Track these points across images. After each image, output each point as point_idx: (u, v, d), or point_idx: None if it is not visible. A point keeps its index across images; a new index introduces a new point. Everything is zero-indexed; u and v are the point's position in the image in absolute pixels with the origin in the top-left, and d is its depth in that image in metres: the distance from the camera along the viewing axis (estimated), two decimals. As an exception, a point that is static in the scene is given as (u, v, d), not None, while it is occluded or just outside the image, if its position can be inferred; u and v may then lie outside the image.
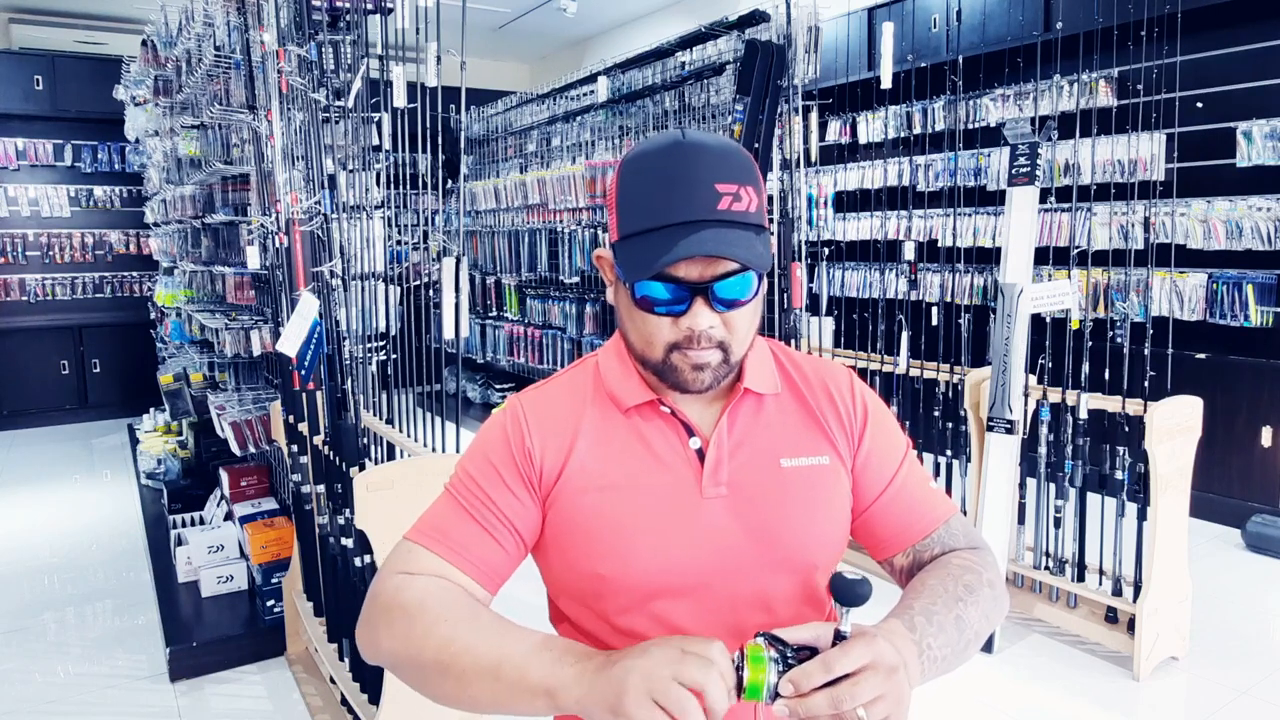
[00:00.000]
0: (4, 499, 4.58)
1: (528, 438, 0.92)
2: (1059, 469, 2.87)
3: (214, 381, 4.16)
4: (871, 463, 0.96)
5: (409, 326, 2.58)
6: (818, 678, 0.68)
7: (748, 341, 0.90)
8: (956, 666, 0.85)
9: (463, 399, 6.24)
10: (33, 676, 2.70)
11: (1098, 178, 3.74)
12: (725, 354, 0.87)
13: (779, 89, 3.22)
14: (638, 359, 0.91)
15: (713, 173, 0.81)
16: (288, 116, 2.44)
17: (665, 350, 0.87)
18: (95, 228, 6.68)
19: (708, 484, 0.89)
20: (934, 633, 0.80)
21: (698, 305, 0.83)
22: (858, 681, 0.68)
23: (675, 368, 0.87)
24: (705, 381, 0.87)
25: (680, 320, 0.85)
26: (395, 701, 1.90)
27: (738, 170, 0.83)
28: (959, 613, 0.84)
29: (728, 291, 0.84)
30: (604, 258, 0.94)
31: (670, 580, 0.87)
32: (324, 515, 2.30)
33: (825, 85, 4.20)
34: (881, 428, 0.97)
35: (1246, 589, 3.26)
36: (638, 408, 0.93)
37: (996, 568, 0.93)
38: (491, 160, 6.12)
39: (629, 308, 0.88)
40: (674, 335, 0.86)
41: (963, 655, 0.85)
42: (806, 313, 3.36)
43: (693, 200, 0.81)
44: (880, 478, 0.96)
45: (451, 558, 0.88)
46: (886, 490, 0.96)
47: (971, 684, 2.58)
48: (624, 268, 0.85)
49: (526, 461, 0.91)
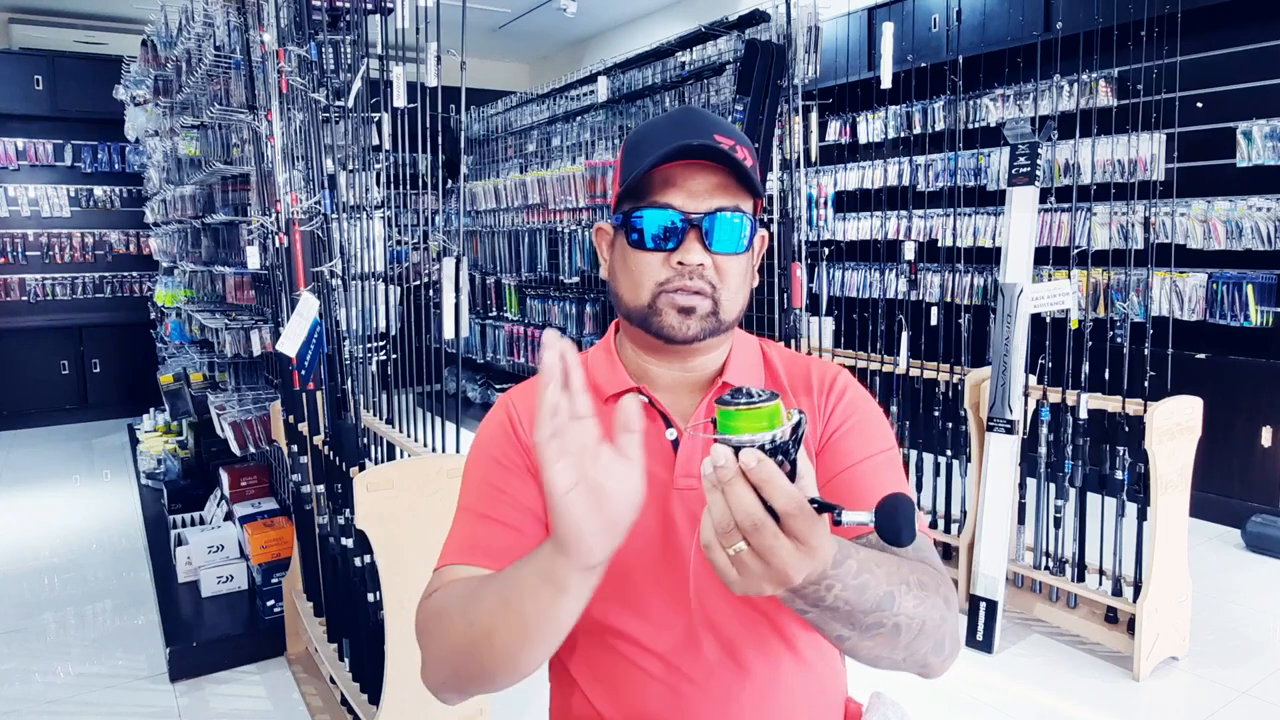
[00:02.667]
0: (4, 499, 4.57)
1: (520, 427, 0.93)
2: (1059, 469, 2.87)
3: (214, 381, 4.16)
4: (835, 445, 0.92)
5: (409, 326, 2.57)
6: (777, 495, 0.60)
7: (738, 302, 0.91)
8: (855, 645, 0.75)
9: (463, 399, 6.24)
10: (33, 676, 2.70)
11: (1098, 178, 3.74)
12: (715, 305, 0.88)
13: (779, 89, 3.22)
14: (626, 313, 0.92)
15: (713, 126, 0.88)
16: (288, 116, 2.44)
17: (653, 292, 0.88)
18: (95, 228, 6.67)
19: (679, 474, 0.90)
20: (853, 583, 0.69)
21: (690, 241, 0.86)
22: (774, 520, 0.60)
23: (660, 311, 0.88)
24: (691, 330, 0.88)
25: (671, 256, 0.87)
26: (395, 701, 1.90)
27: (736, 134, 0.89)
28: (894, 590, 0.74)
29: (722, 230, 0.87)
30: (602, 229, 0.96)
31: (644, 571, 0.88)
32: (324, 515, 2.30)
33: (825, 85, 4.20)
34: (860, 418, 0.94)
35: (1246, 589, 3.26)
36: (617, 396, 0.93)
37: (954, 599, 0.83)
38: (491, 160, 6.12)
39: (623, 254, 0.90)
40: (664, 273, 0.87)
41: (865, 632, 0.73)
42: (806, 313, 3.36)
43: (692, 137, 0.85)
44: (841, 460, 0.91)
45: (467, 559, 0.87)
46: (844, 473, 0.90)
47: (971, 684, 2.58)
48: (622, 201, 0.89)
49: (524, 448, 0.92)
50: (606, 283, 0.96)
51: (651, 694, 0.89)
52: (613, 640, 0.90)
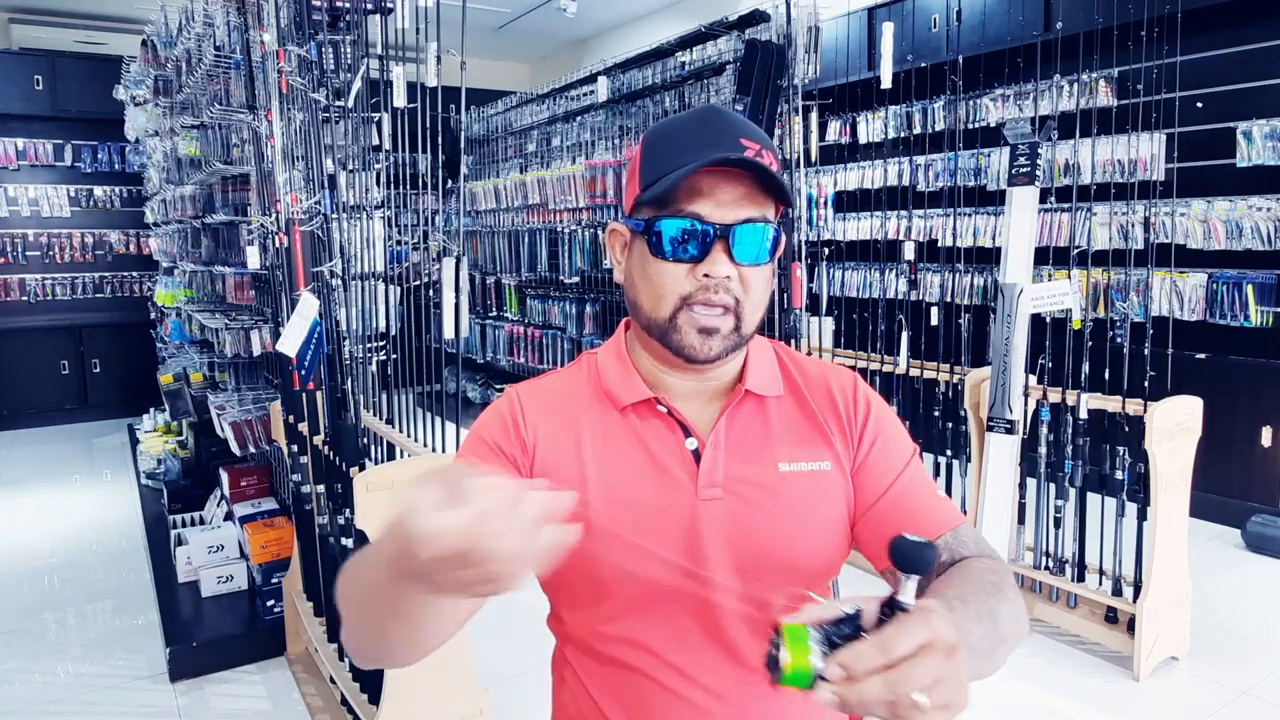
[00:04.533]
0: (4, 499, 4.57)
1: (521, 419, 0.92)
2: (1059, 469, 2.87)
3: (214, 381, 4.16)
4: (871, 464, 0.92)
5: (409, 326, 2.58)
6: (872, 660, 0.57)
7: (758, 315, 0.88)
8: (991, 668, 0.76)
9: (463, 399, 6.24)
10: (33, 676, 2.70)
11: (1098, 178, 3.74)
12: (737, 321, 0.86)
13: (779, 89, 3.21)
14: (645, 324, 0.89)
15: (739, 129, 0.85)
16: (288, 116, 2.44)
17: (675, 306, 0.85)
18: (95, 228, 6.67)
19: (703, 485, 0.88)
20: (972, 619, 0.72)
21: (716, 252, 0.84)
22: (915, 663, 0.57)
23: (681, 329, 0.85)
24: (713, 350, 0.86)
25: (697, 268, 0.84)
26: (395, 701, 1.90)
27: (762, 138, 0.86)
28: (991, 606, 0.77)
29: (747, 242, 0.84)
30: (616, 230, 0.93)
31: (664, 582, 0.86)
32: (324, 515, 2.30)
33: (825, 85, 4.20)
34: (885, 430, 0.94)
35: (1246, 589, 3.26)
36: (634, 406, 0.92)
37: (1014, 582, 0.86)
38: (491, 160, 6.12)
39: (643, 262, 0.87)
40: (688, 285, 0.85)
41: (996, 653, 0.76)
42: (806, 313, 3.36)
43: (720, 144, 0.83)
44: (881, 480, 0.92)
45: None
46: (887, 493, 0.91)
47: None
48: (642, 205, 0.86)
49: (520, 438, 0.91)
50: (621, 287, 0.93)
51: (666, 705, 0.87)
52: (629, 649, 0.88)
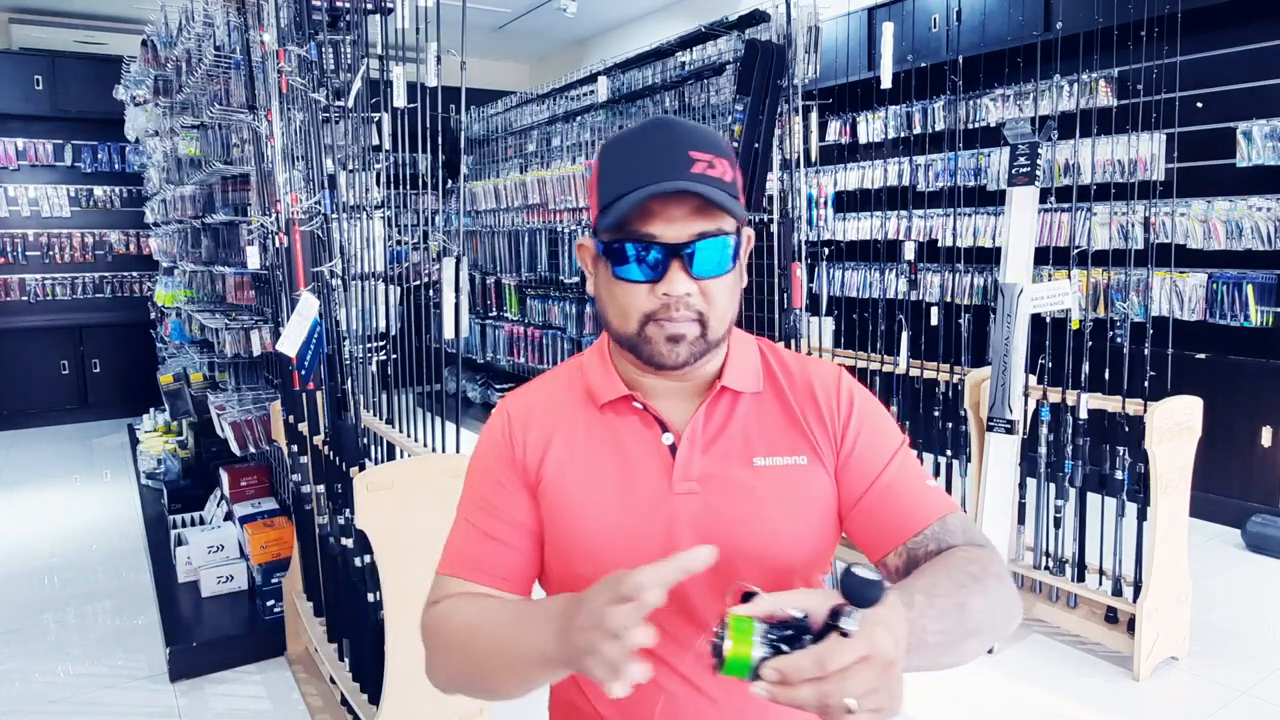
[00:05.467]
0: (4, 499, 4.58)
1: (515, 436, 0.95)
2: (1059, 469, 2.87)
3: (214, 381, 4.16)
4: (857, 458, 0.93)
5: (409, 326, 2.58)
6: (808, 671, 0.61)
7: (727, 320, 0.89)
8: (956, 659, 0.79)
9: (463, 399, 6.24)
10: (33, 676, 2.70)
11: (1098, 178, 3.74)
12: (704, 328, 0.86)
13: (779, 89, 3.21)
14: (615, 338, 0.91)
15: (687, 142, 0.85)
16: (288, 116, 2.44)
17: (641, 321, 0.86)
18: (95, 228, 6.68)
19: (678, 480, 0.89)
20: (933, 615, 0.74)
21: (674, 270, 0.84)
22: (849, 675, 0.61)
23: (650, 339, 0.86)
24: (681, 356, 0.87)
25: (656, 287, 0.85)
26: (395, 701, 1.90)
27: (711, 145, 0.86)
28: (961, 599, 0.78)
29: (705, 256, 0.84)
30: (585, 245, 0.94)
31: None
32: (324, 515, 2.30)
33: (825, 85, 4.20)
34: (869, 423, 0.94)
35: (1246, 589, 3.26)
36: (612, 403, 0.94)
37: (1003, 565, 0.87)
38: (491, 160, 6.12)
39: (607, 282, 0.88)
40: (650, 304, 0.85)
41: (962, 646, 0.78)
42: (806, 313, 3.35)
43: (669, 163, 0.83)
44: (868, 473, 0.92)
45: (469, 575, 0.91)
46: (874, 485, 0.91)
47: (971, 684, 2.58)
48: (601, 233, 0.86)
49: (518, 459, 0.94)
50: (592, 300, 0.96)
51: (653, 698, 0.89)
52: None
